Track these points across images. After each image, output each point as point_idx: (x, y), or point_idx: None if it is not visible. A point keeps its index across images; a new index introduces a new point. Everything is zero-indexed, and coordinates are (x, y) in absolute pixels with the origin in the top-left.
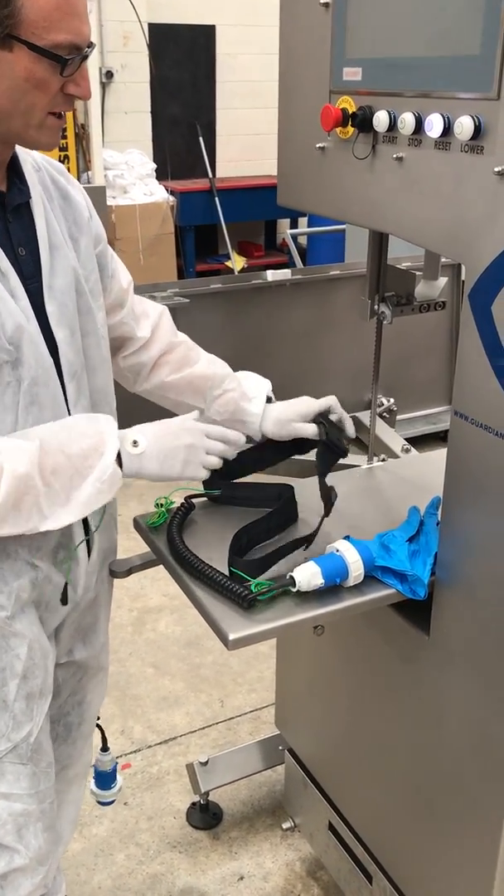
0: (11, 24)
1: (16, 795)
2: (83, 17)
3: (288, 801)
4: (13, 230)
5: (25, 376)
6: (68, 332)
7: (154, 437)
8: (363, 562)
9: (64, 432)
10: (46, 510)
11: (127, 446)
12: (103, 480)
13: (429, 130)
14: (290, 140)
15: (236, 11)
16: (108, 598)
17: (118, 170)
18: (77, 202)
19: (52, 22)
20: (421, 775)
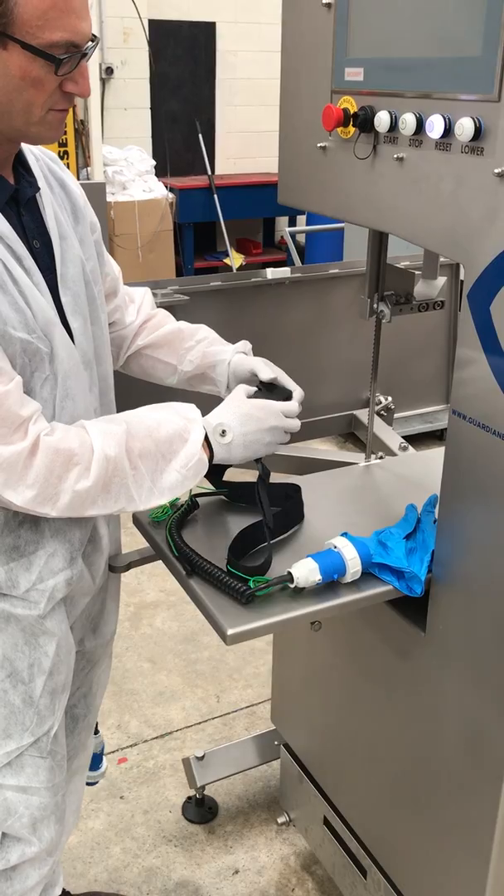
0: (4, 23)
1: (34, 789)
2: (81, 14)
3: (283, 795)
4: (27, 223)
5: (59, 370)
6: (82, 321)
7: (239, 425)
8: (360, 558)
9: (150, 418)
10: (134, 493)
11: (216, 437)
12: (189, 467)
13: (430, 131)
14: (292, 139)
15: (236, 9)
16: (116, 587)
17: (117, 166)
18: (73, 191)
19: (48, 20)
20: (416, 771)
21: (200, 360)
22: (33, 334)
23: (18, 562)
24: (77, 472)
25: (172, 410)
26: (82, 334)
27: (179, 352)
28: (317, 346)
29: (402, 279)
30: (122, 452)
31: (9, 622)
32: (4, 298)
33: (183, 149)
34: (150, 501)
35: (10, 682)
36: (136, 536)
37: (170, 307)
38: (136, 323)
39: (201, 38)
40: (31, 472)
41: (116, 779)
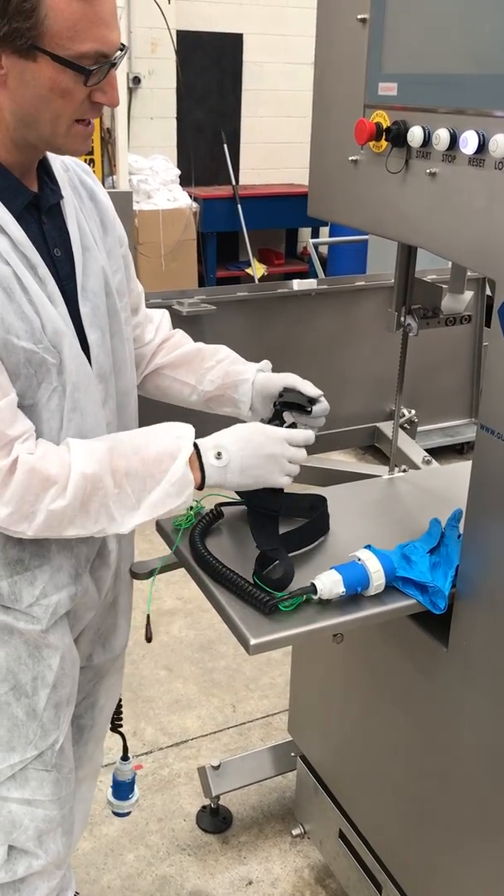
0: (35, 36)
1: (38, 801)
2: (111, 24)
3: (298, 807)
4: (48, 231)
5: (68, 381)
6: (100, 333)
7: (237, 449)
8: (384, 572)
9: (141, 437)
10: (116, 512)
11: (210, 458)
12: (172, 483)
13: (463, 147)
14: (323, 152)
15: (264, 21)
16: (128, 601)
17: (142, 175)
18: (103, 203)
19: (78, 31)
20: (434, 786)
21: (222, 379)
22: (39, 345)
23: (23, 575)
24: (54, 491)
25: (165, 429)
26: (100, 346)
27: (199, 371)
28: (341, 357)
29: (430, 293)
30: (103, 470)
31: (12, 635)
32: (10, 307)
33: (208, 158)
34: (133, 520)
35: (13, 694)
36: (153, 544)
37: (196, 317)
38: (155, 342)
39: (228, 49)
40: (7, 491)
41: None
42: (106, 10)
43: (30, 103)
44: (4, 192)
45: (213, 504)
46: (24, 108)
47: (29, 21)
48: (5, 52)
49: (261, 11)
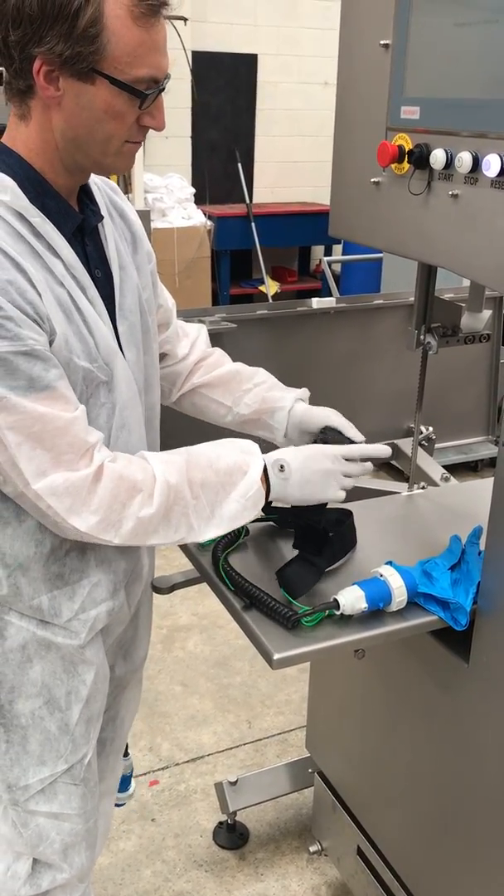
0: (96, 60)
1: (65, 815)
2: (163, 51)
3: (316, 824)
4: (90, 252)
5: (118, 399)
6: (135, 351)
7: (298, 464)
8: (406, 588)
9: (211, 451)
10: (194, 522)
11: (275, 471)
12: (248, 497)
13: (486, 170)
14: (345, 173)
15: (278, 41)
16: (148, 613)
17: (157, 193)
18: (132, 220)
19: (136, 57)
20: (455, 804)
21: (259, 404)
22: (95, 363)
23: (62, 590)
24: (140, 498)
25: (232, 444)
26: (135, 364)
27: (236, 393)
28: (358, 375)
29: (449, 312)
30: (182, 481)
31: (49, 650)
32: (70, 328)
33: (222, 177)
34: (209, 532)
35: (47, 709)
36: (168, 559)
37: (217, 334)
38: (191, 360)
39: (243, 70)
40: (95, 498)
41: (148, 801)
42: (161, 37)
43: (83, 125)
44: (56, 216)
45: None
46: (76, 129)
47: (92, 46)
48: (64, 75)
49: (275, 32)
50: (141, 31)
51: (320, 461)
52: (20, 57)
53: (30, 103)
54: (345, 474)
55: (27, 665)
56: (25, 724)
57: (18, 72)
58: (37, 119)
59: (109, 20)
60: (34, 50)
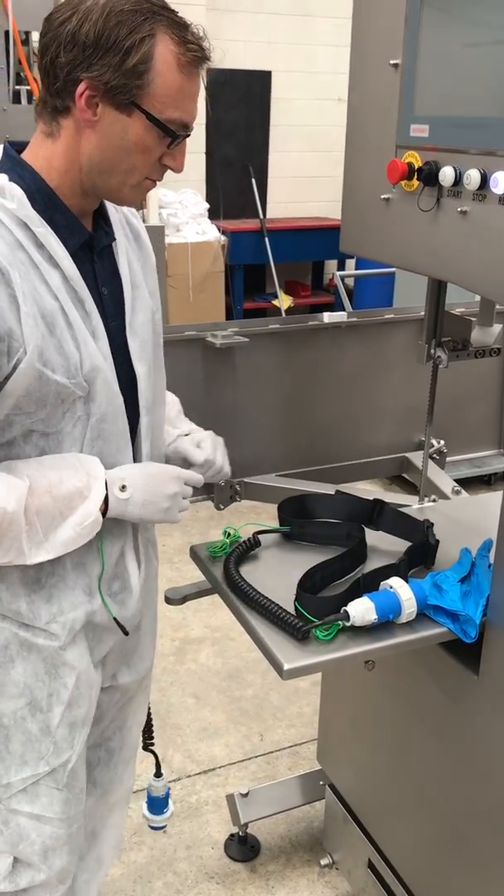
0: (138, 95)
1: (47, 818)
2: (196, 100)
3: (327, 837)
4: (98, 270)
5: (95, 412)
6: (147, 367)
7: (142, 483)
8: (416, 599)
9: (53, 472)
10: (25, 547)
11: (115, 490)
12: (84, 525)
13: (494, 187)
14: (355, 190)
15: (292, 59)
16: (152, 623)
17: (172, 209)
18: (146, 243)
19: (174, 100)
20: (466, 817)
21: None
22: (73, 380)
23: (39, 594)
24: None
25: (78, 464)
26: (147, 380)
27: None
28: (370, 388)
29: (460, 326)
30: (20, 509)
31: (31, 651)
32: (51, 341)
33: (236, 192)
34: (40, 556)
35: (28, 709)
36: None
37: (229, 348)
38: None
39: (257, 86)
40: None
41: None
42: (196, 87)
43: (112, 153)
44: (63, 230)
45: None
46: (104, 155)
47: (139, 81)
48: (104, 102)
49: (289, 49)
50: (182, 77)
51: (166, 483)
52: (65, 78)
53: (62, 122)
54: (184, 496)
55: (9, 665)
56: (8, 723)
57: (59, 91)
58: (66, 139)
59: (157, 62)
60: (81, 74)
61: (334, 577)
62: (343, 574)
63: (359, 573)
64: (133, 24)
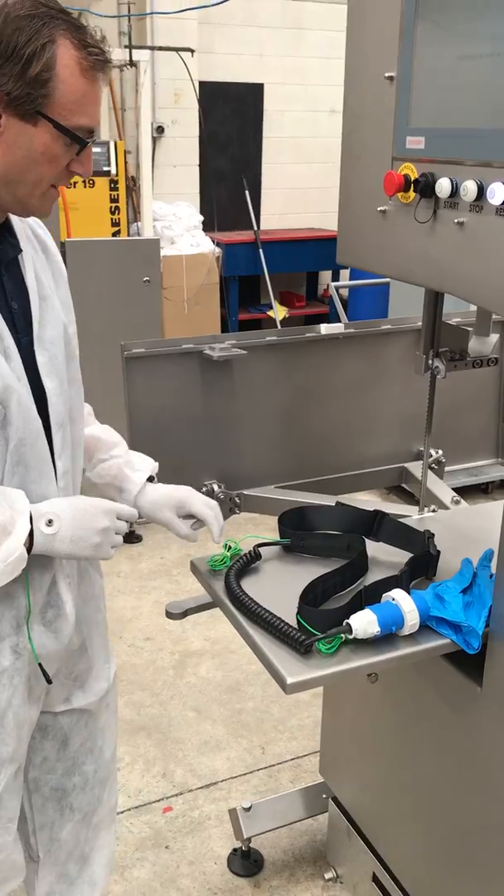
0: (43, 103)
1: None
2: (100, 105)
3: (331, 850)
4: (6, 284)
5: (13, 436)
6: (57, 382)
7: (70, 518)
8: (418, 611)
9: None
10: None
11: (41, 525)
12: (7, 562)
13: (491, 198)
14: (351, 202)
15: (284, 71)
16: (101, 641)
17: (166, 221)
18: (54, 253)
19: (79, 106)
20: (471, 829)
21: (111, 479)
22: None
23: None
24: None
25: (1, 497)
26: (57, 395)
27: (93, 460)
28: (367, 399)
29: (457, 336)
30: None
31: None
32: None
33: (230, 205)
34: None
35: None
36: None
37: (227, 361)
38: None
39: (249, 99)
40: None
41: (162, 828)
42: (99, 91)
43: (19, 164)
44: None
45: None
46: (9, 167)
47: (43, 90)
48: (8, 113)
49: (281, 62)
50: (86, 82)
51: (96, 517)
52: None
53: None
54: (117, 532)
55: None
56: None
57: None
58: None
59: (60, 68)
60: None
61: (336, 589)
62: (344, 586)
63: (360, 585)
64: (32, 30)
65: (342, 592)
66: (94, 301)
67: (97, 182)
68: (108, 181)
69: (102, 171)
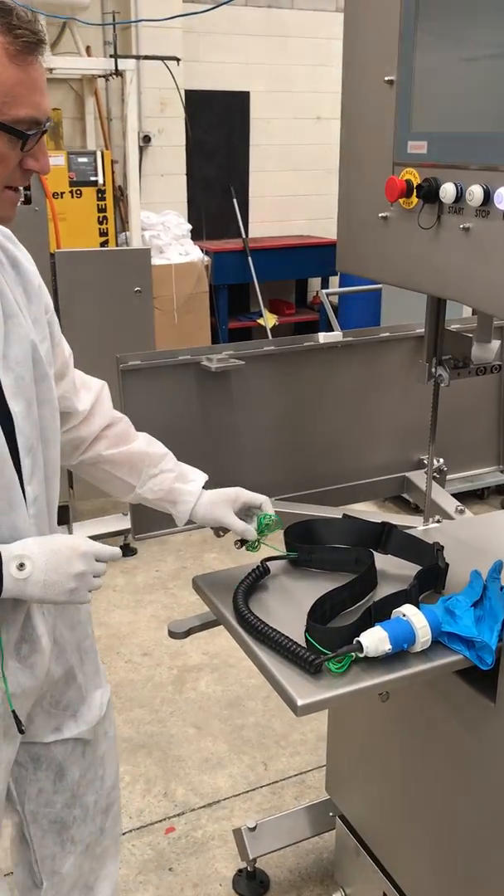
0: None
1: None
2: (43, 92)
3: (339, 869)
4: None
5: None
6: (24, 404)
7: (44, 561)
8: (430, 627)
9: None
10: None
11: (11, 568)
12: None
13: (498, 203)
14: (352, 208)
15: (270, 79)
16: (93, 669)
17: (154, 231)
18: (26, 269)
19: (14, 97)
20: (484, 848)
21: (164, 494)
22: None
23: None
24: None
25: None
26: (25, 418)
27: (142, 476)
28: (367, 408)
29: (460, 343)
30: None
31: None
32: None
33: (218, 213)
34: None
35: None
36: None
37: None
38: (96, 425)
39: (236, 107)
40: None
41: (165, 849)
42: (39, 76)
43: None
44: None
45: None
46: None
47: None
48: None
49: (266, 70)
50: (18, 69)
51: (71, 562)
52: None
53: None
54: (95, 574)
55: None
56: None
57: None
58: None
59: None
60: None
61: (344, 605)
62: (353, 602)
63: (369, 601)
64: None
65: (351, 608)
66: (84, 312)
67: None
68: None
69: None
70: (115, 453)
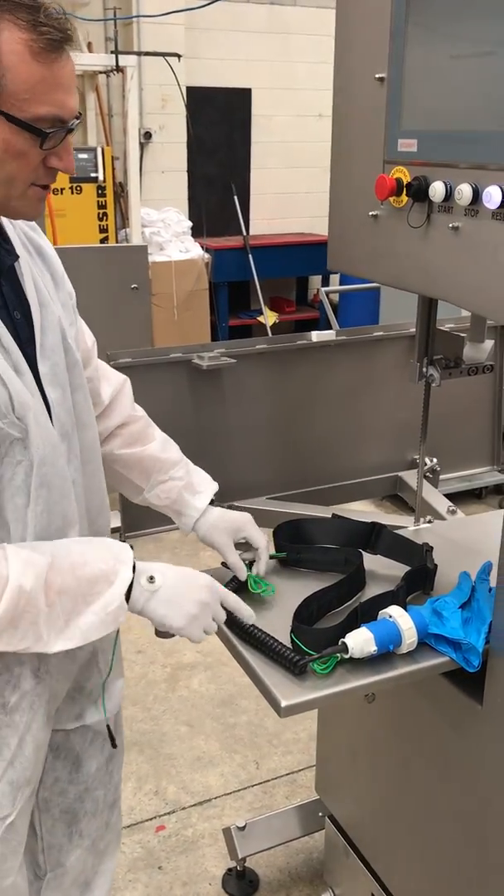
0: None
1: None
2: (69, 90)
3: (328, 870)
4: (7, 294)
5: (35, 455)
6: (60, 391)
7: (173, 580)
8: (416, 628)
9: (78, 552)
10: (44, 633)
11: (142, 580)
12: (108, 612)
13: (487, 202)
14: (342, 207)
15: (271, 76)
16: (116, 657)
17: (155, 227)
18: (51, 256)
19: (36, 94)
20: (470, 849)
21: (171, 502)
22: (5, 419)
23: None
24: None
25: (105, 547)
26: (61, 405)
27: (151, 480)
28: (360, 407)
29: (452, 343)
30: (39, 587)
31: None
32: None
33: (218, 210)
34: (59, 644)
35: None
36: None
37: (216, 370)
38: (113, 420)
39: (237, 104)
40: None
41: (154, 848)
42: (65, 74)
43: None
44: None
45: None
46: None
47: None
48: None
49: (268, 66)
50: (41, 67)
51: (200, 590)
52: None
53: None
54: (214, 617)
55: None
56: None
57: None
58: None
59: (5, 55)
60: None
61: (332, 605)
62: (341, 602)
63: (357, 601)
64: None
65: (338, 609)
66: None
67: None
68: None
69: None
70: (127, 453)
